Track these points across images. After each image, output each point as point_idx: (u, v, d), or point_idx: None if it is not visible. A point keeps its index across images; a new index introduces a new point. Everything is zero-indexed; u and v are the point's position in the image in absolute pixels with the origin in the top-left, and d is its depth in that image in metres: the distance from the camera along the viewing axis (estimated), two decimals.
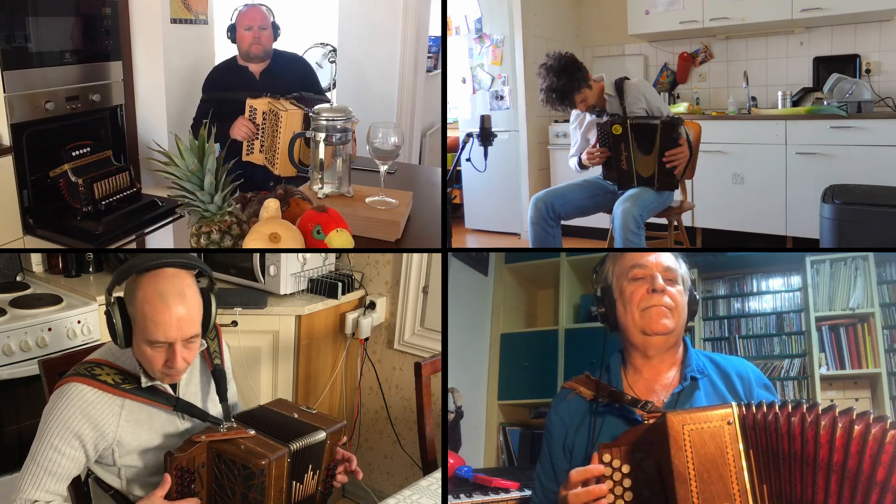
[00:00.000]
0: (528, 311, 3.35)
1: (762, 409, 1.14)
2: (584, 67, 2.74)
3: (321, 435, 1.60)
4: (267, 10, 2.99)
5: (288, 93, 2.72)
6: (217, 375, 1.65)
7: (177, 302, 1.45)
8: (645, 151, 2.67)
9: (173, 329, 1.44)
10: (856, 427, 1.07)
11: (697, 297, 1.46)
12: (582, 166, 2.89)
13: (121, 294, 1.50)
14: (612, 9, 4.62)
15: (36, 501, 1.44)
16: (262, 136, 2.71)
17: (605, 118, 2.74)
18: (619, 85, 2.78)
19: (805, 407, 1.12)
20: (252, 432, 1.54)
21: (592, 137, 2.85)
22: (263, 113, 2.68)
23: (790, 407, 1.13)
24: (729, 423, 1.14)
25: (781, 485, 1.11)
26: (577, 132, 2.95)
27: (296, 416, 1.66)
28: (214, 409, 1.65)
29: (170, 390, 1.57)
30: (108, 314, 1.48)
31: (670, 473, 1.14)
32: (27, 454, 1.49)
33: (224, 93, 2.94)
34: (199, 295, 1.52)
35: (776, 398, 1.37)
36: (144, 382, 1.52)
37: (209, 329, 1.56)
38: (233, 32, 2.99)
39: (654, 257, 1.42)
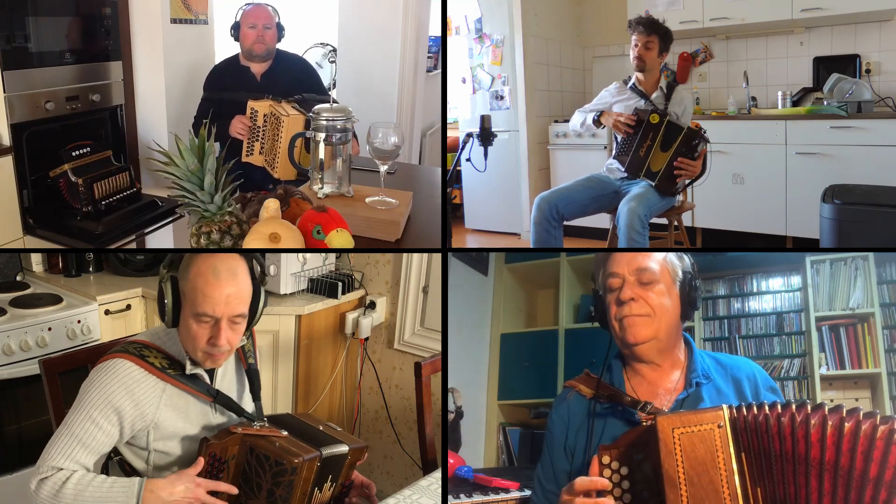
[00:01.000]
0: (528, 311, 3.35)
1: (752, 411, 1.13)
2: (671, 42, 2.88)
3: (344, 448, 1.62)
4: (272, 9, 2.98)
5: (289, 94, 2.71)
6: (251, 374, 1.68)
7: (228, 278, 1.49)
8: (664, 148, 2.75)
9: (221, 304, 1.47)
10: (846, 424, 1.07)
11: (697, 284, 1.39)
12: (597, 123, 2.92)
13: (173, 273, 1.53)
14: (612, 9, 4.62)
15: (61, 469, 1.43)
16: (262, 139, 2.70)
17: (644, 104, 2.83)
18: (672, 86, 2.89)
19: (794, 406, 1.11)
20: (285, 433, 1.57)
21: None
22: (264, 115, 2.67)
23: (780, 407, 1.12)
24: (720, 427, 1.13)
25: (775, 486, 1.10)
26: (607, 96, 2.97)
27: (321, 428, 1.68)
28: (247, 407, 1.67)
29: (209, 382, 1.59)
30: (161, 289, 1.51)
31: (661, 477, 1.13)
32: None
33: (225, 92, 2.94)
34: (250, 278, 1.55)
35: (782, 401, 1.35)
36: (189, 369, 1.54)
37: (255, 319, 1.59)
38: (236, 30, 2.98)
39: (626, 261, 1.36)
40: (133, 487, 1.42)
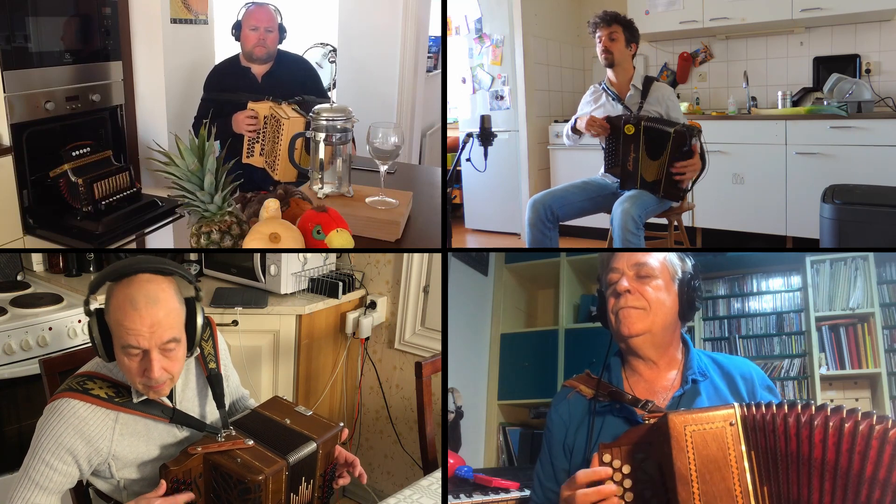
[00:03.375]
0: (528, 311, 3.35)
1: (761, 410, 1.14)
2: (638, 34, 2.81)
3: (312, 446, 1.57)
4: (275, 10, 2.97)
5: (290, 96, 2.70)
6: (213, 381, 1.61)
7: (148, 306, 1.40)
8: (653, 157, 2.67)
9: (146, 334, 1.39)
10: (846, 425, 1.08)
11: (696, 283, 1.40)
12: (575, 131, 2.86)
13: (101, 305, 1.47)
14: (611, 9, 4.62)
15: None
16: (262, 140, 2.70)
17: (620, 111, 2.75)
18: (648, 82, 2.79)
19: (800, 406, 1.12)
20: (251, 442, 1.51)
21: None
22: (265, 117, 2.67)
23: (786, 407, 1.13)
24: (731, 424, 1.14)
25: (780, 486, 1.11)
26: (588, 106, 2.91)
27: (288, 421, 1.61)
28: (213, 414, 1.62)
29: (166, 401, 1.53)
30: (89, 326, 1.45)
31: (672, 475, 1.13)
32: (28, 454, 1.48)
33: (225, 93, 2.93)
34: (178, 300, 1.47)
35: (778, 400, 1.35)
36: (136, 397, 1.48)
37: (197, 336, 1.50)
38: (238, 31, 2.97)
39: (626, 256, 1.38)
40: None
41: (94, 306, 1.46)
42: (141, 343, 1.40)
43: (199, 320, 1.50)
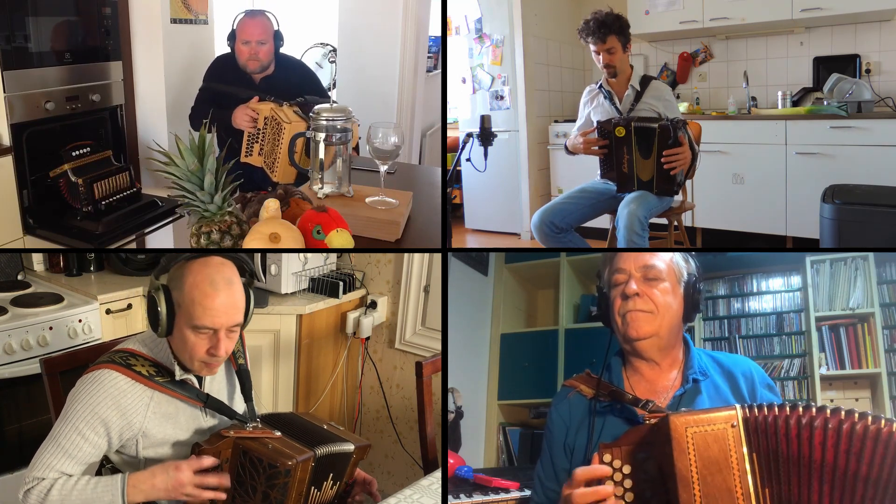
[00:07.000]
0: (528, 311, 3.35)
1: (763, 411, 1.14)
2: (629, 32, 2.75)
3: (349, 447, 1.61)
4: (270, 18, 2.91)
5: (289, 98, 2.69)
6: (242, 375, 1.67)
7: (226, 289, 1.47)
8: (645, 155, 2.66)
9: (221, 315, 1.46)
10: (843, 426, 1.08)
11: (700, 287, 1.40)
12: (568, 152, 2.89)
13: (164, 282, 1.51)
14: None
15: (43, 479, 1.44)
16: (261, 141, 2.70)
17: (614, 112, 2.75)
18: (645, 82, 2.78)
19: (801, 408, 1.12)
20: (278, 434, 1.55)
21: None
22: (265, 118, 2.66)
23: (788, 408, 1.13)
24: (733, 426, 1.13)
25: (781, 488, 1.11)
26: (585, 108, 2.92)
27: (325, 427, 1.67)
28: (238, 408, 1.66)
29: (198, 386, 1.58)
30: (153, 299, 1.48)
31: (673, 476, 1.13)
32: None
33: (224, 86, 2.92)
34: (243, 287, 1.54)
35: (779, 399, 1.35)
36: (179, 375, 1.53)
37: (246, 323, 1.58)
38: (232, 41, 2.92)
39: (633, 258, 1.38)
40: (116, 484, 1.43)
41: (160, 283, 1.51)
42: (216, 323, 1.46)
43: (252, 306, 1.57)
